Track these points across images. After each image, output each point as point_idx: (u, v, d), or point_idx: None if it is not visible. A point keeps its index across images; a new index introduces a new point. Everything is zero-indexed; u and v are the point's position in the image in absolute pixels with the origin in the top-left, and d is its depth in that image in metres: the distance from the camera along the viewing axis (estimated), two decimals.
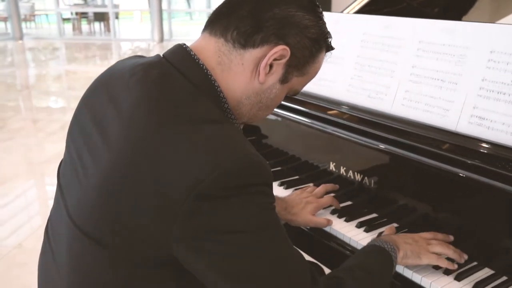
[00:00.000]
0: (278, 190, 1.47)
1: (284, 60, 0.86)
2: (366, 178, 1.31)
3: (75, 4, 15.65)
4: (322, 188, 1.33)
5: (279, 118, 1.61)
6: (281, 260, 0.77)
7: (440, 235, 1.11)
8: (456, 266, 1.05)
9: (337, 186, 1.37)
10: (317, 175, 1.46)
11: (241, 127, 0.97)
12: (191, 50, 0.86)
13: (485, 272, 1.06)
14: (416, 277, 1.05)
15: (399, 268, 1.07)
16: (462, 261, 1.07)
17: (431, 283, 1.02)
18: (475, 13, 2.37)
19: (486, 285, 1.01)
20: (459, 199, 1.13)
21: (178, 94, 0.80)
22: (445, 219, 1.16)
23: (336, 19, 1.61)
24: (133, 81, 0.83)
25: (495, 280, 1.03)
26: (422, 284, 1.04)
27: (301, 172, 1.55)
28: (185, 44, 0.88)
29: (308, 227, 1.31)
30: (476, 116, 1.18)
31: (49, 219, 0.96)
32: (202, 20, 17.12)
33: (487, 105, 1.16)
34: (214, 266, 0.74)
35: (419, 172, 1.19)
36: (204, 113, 0.79)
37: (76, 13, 14.56)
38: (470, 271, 1.05)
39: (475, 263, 1.09)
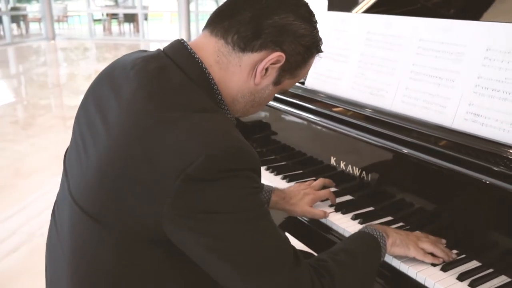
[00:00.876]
0: (281, 183, 1.52)
1: (279, 65, 0.93)
2: (364, 172, 1.35)
3: (106, 6, 16.02)
4: (319, 181, 1.37)
5: (288, 115, 1.66)
6: (264, 239, 0.82)
7: (432, 237, 1.13)
8: (441, 260, 1.07)
9: (334, 183, 1.41)
10: (319, 170, 1.50)
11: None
12: (188, 45, 0.92)
13: (473, 264, 1.08)
14: (403, 267, 1.08)
15: (388, 258, 1.10)
16: (450, 260, 1.09)
17: (416, 273, 1.05)
18: (491, 13, 2.37)
19: (471, 276, 1.03)
20: (451, 194, 1.15)
21: (173, 85, 0.86)
22: (438, 213, 1.18)
23: (343, 18, 1.65)
24: (133, 73, 0.90)
25: (481, 272, 1.05)
26: (409, 273, 1.07)
27: (305, 167, 1.59)
28: (183, 40, 0.94)
29: (307, 219, 1.35)
30: (471, 113, 1.20)
31: (56, 201, 1.03)
32: None
33: (481, 102, 1.18)
34: (200, 243, 0.79)
35: (414, 168, 1.22)
36: (197, 103, 0.85)
37: (107, 14, 14.92)
38: (457, 263, 1.07)
39: (463, 255, 1.11)
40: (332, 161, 1.46)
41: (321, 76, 1.67)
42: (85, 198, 0.87)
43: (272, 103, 1.68)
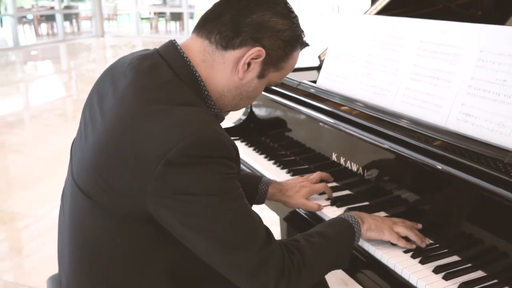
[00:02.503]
0: (285, 177, 1.59)
1: (260, 59, 1.01)
2: (361, 169, 1.40)
3: (154, 4, 16.48)
4: (317, 174, 1.43)
5: (292, 112, 1.73)
6: (237, 218, 0.91)
7: (409, 222, 1.19)
8: (414, 246, 1.13)
9: (332, 177, 1.47)
10: (321, 166, 1.56)
11: (227, 114, 1.13)
12: (179, 46, 1.02)
13: (453, 259, 1.12)
14: (377, 253, 1.15)
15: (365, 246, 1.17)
16: (423, 245, 1.14)
17: (388, 259, 1.12)
18: None
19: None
20: (440, 192, 1.19)
21: (161, 81, 0.96)
22: (430, 210, 1.22)
23: (352, 19, 1.70)
24: (129, 69, 1.00)
25: (459, 265, 1.09)
26: (382, 260, 1.13)
27: (307, 162, 1.66)
28: (175, 41, 1.04)
29: (305, 212, 1.42)
30: (464, 113, 1.23)
31: (64, 184, 1.15)
32: None
33: (473, 102, 1.21)
34: (180, 221, 0.89)
35: (407, 166, 1.26)
36: (181, 97, 0.94)
37: (154, 13, 15.35)
38: (436, 256, 1.12)
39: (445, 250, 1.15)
40: (334, 157, 1.51)
41: (331, 75, 1.73)
42: (82, 177, 0.98)
43: (280, 99, 1.76)
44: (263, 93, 1.89)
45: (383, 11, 2.01)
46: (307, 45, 1.10)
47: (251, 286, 0.93)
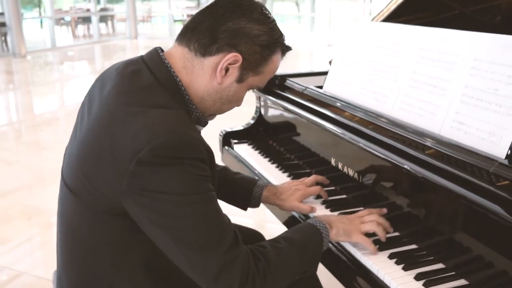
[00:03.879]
0: (285, 181, 1.61)
1: (237, 64, 1.05)
2: (356, 174, 1.41)
3: (187, 7, 16.73)
4: (312, 178, 1.45)
5: (305, 120, 1.75)
6: (204, 220, 0.94)
7: (374, 210, 1.26)
8: (378, 253, 1.16)
9: (327, 181, 1.48)
10: (321, 172, 1.58)
11: (212, 119, 1.17)
12: (162, 53, 1.07)
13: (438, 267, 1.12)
14: (363, 259, 1.17)
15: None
16: (387, 232, 1.22)
17: (372, 264, 1.14)
18: None
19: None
20: (432, 200, 1.19)
21: (141, 85, 1.02)
22: (414, 213, 1.23)
23: (358, 26, 1.71)
24: (115, 73, 1.07)
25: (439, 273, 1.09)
26: (367, 265, 1.15)
27: (311, 167, 1.68)
28: (159, 48, 1.09)
29: (302, 216, 1.44)
30: (457, 121, 1.23)
31: None
32: (307, 24, 17.41)
33: (467, 111, 1.21)
34: (149, 218, 0.93)
35: (401, 174, 1.26)
36: (157, 101, 0.99)
37: (187, 15, 15.58)
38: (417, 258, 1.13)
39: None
40: (332, 162, 1.53)
41: (336, 81, 1.74)
42: (68, 174, 1.05)
43: (285, 104, 1.78)
44: (270, 97, 1.92)
45: (396, 17, 2.00)
46: (289, 48, 1.13)
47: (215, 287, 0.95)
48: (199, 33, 1.04)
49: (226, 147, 2.01)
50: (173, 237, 0.93)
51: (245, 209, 1.43)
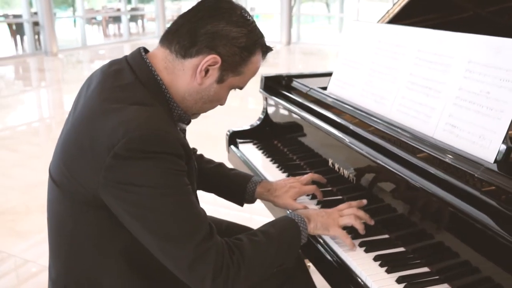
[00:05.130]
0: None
1: (217, 66, 1.08)
2: (351, 175, 1.41)
3: None
4: (308, 176, 1.45)
5: (307, 121, 1.75)
6: (178, 212, 0.97)
7: (354, 203, 1.29)
8: (354, 247, 1.18)
9: (324, 179, 1.48)
10: (320, 173, 1.58)
11: (196, 117, 1.21)
12: (144, 54, 1.11)
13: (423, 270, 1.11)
14: (348, 259, 1.17)
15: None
16: (366, 226, 1.23)
17: (356, 266, 1.13)
18: None
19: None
20: (412, 200, 1.18)
21: (122, 84, 1.05)
22: (402, 215, 1.22)
23: (362, 27, 1.71)
24: (100, 72, 1.12)
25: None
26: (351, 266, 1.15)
27: (312, 167, 1.68)
28: (142, 48, 1.13)
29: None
30: (450, 124, 1.21)
31: None
32: (337, 24, 17.30)
33: (460, 113, 1.19)
34: (124, 209, 0.97)
35: (393, 177, 1.26)
36: (136, 98, 1.03)
37: None
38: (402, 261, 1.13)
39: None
40: (330, 163, 1.53)
41: (339, 82, 1.74)
42: (53, 165, 1.10)
43: (288, 105, 1.79)
44: (274, 97, 1.93)
45: (407, 18, 1.97)
46: (270, 49, 1.16)
47: (189, 279, 0.98)
48: (179, 36, 1.07)
49: (232, 147, 2.03)
50: (148, 228, 0.97)
51: (241, 204, 1.45)
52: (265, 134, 2.05)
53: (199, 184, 1.35)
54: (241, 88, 1.17)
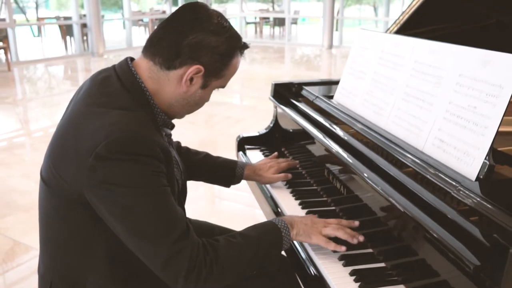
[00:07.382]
0: (284, 189, 1.62)
1: (201, 74, 1.13)
2: (341, 186, 1.39)
3: (260, 10, 16.94)
4: (285, 160, 1.70)
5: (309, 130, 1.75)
6: (154, 212, 1.00)
7: (344, 221, 1.27)
8: (343, 248, 1.19)
9: (296, 163, 1.72)
10: (319, 182, 1.58)
11: (182, 117, 1.26)
12: (131, 63, 1.15)
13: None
14: (324, 272, 1.17)
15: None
16: (355, 241, 1.21)
17: (331, 279, 1.13)
18: None
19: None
20: (391, 214, 1.15)
21: (107, 90, 1.10)
22: (381, 230, 1.19)
23: (368, 36, 1.68)
24: (89, 80, 1.18)
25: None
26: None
27: (312, 177, 1.67)
28: (129, 58, 1.17)
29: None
30: (438, 139, 1.18)
31: None
32: (383, 28, 17.02)
33: (448, 128, 1.16)
34: (105, 208, 1.01)
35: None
36: (120, 103, 1.07)
37: (260, 18, 15.79)
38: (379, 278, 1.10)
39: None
40: (325, 173, 1.52)
41: (345, 91, 1.72)
42: (43, 164, 1.15)
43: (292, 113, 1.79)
44: (281, 106, 1.93)
45: (414, 28, 1.93)
46: (246, 46, 1.19)
47: (164, 275, 1.02)
48: (162, 49, 1.11)
49: (240, 153, 2.04)
50: (126, 226, 1.01)
51: (228, 186, 1.63)
52: (274, 141, 2.06)
53: (190, 175, 1.48)
54: (223, 87, 1.21)
